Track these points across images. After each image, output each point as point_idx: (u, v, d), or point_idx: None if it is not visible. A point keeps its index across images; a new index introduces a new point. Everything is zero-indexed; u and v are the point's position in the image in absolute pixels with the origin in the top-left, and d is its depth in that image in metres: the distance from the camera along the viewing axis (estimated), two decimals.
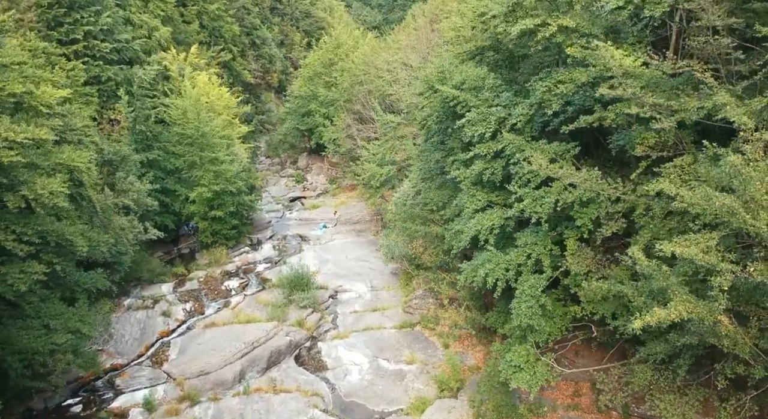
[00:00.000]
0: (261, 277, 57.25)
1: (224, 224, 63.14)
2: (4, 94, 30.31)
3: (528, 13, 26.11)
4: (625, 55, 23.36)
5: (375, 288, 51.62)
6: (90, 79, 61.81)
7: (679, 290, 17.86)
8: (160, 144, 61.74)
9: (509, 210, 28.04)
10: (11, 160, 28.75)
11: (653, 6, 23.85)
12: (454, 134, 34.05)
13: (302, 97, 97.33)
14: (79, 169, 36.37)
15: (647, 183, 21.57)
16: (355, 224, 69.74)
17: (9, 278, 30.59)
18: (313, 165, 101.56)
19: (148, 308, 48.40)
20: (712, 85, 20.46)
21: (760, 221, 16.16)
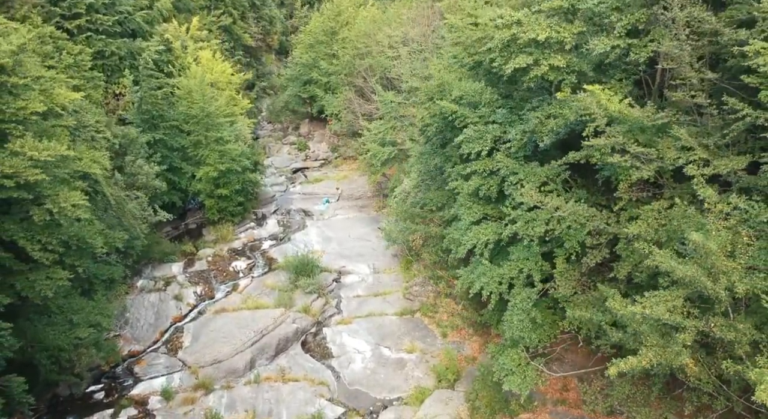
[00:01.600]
0: (267, 256, 59.55)
1: (230, 201, 65.13)
2: (27, 113, 32.02)
3: (522, 50, 27.76)
4: (611, 95, 25.16)
5: (377, 270, 53.87)
6: (94, 55, 63.34)
7: (649, 337, 20.05)
8: (166, 123, 63.17)
9: (504, 228, 30.10)
10: (37, 178, 30.71)
11: (638, 50, 25.60)
12: (452, 144, 35.83)
13: (303, 65, 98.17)
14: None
15: (627, 225, 23.63)
16: (357, 200, 71.65)
17: (36, 285, 32.80)
18: (315, 132, 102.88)
19: (160, 291, 50.81)
20: (689, 144, 22.38)
21: (719, 286, 18.26)
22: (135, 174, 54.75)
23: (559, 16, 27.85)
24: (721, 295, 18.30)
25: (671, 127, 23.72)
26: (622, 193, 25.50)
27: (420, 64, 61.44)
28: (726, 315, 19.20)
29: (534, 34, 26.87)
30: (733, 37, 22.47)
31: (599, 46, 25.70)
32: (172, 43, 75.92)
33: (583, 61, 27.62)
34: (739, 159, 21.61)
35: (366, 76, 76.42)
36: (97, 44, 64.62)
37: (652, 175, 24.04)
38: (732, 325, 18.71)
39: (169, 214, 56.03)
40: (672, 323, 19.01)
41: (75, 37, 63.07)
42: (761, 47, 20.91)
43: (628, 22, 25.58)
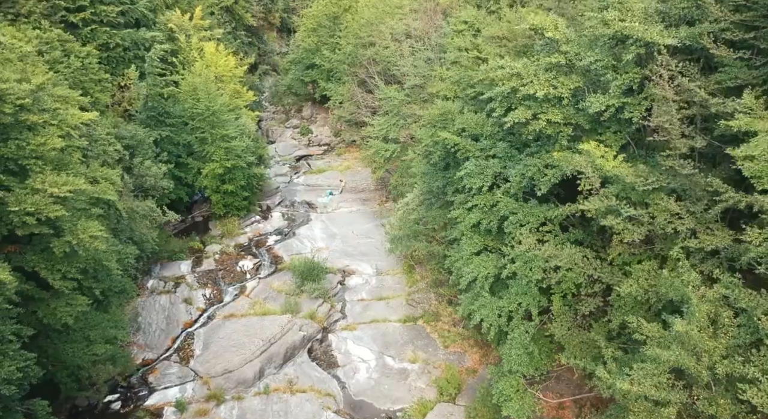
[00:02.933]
0: (272, 253, 61.21)
1: (236, 196, 66.48)
2: (46, 148, 33.30)
3: (521, 102, 28.98)
4: (606, 151, 26.45)
5: (380, 271, 55.48)
6: (98, 47, 64.33)
7: (636, 405, 21.63)
8: (172, 120, 64.18)
9: (503, 268, 31.59)
10: (57, 215, 32.09)
11: (632, 108, 26.83)
12: (454, 170, 37.10)
13: (306, 49, 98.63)
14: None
15: (620, 284, 25.13)
16: (360, 193, 73.00)
17: (57, 312, 34.43)
18: (317, 115, 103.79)
19: (170, 293, 52.50)
20: (677, 211, 23.76)
21: (701, 365, 19.79)
22: (143, 175, 56.06)
23: (558, 70, 28.96)
24: (703, 374, 19.81)
25: (661, 190, 25.05)
26: (615, 247, 26.91)
27: (423, 64, 62.12)
28: (708, 388, 20.72)
29: (533, 89, 28.05)
30: (721, 108, 23.67)
31: (595, 105, 26.91)
32: (176, 34, 76.74)
33: (579, 115, 28.80)
34: (723, 236, 22.98)
35: (369, 68, 77.04)
36: (102, 37, 65.61)
37: (644, 236, 25.43)
38: (713, 399, 20.26)
39: (177, 212, 57.81)
40: (658, 398, 20.54)
41: (80, 30, 63.99)
42: (746, 123, 22.15)
43: (622, 82, 26.73)
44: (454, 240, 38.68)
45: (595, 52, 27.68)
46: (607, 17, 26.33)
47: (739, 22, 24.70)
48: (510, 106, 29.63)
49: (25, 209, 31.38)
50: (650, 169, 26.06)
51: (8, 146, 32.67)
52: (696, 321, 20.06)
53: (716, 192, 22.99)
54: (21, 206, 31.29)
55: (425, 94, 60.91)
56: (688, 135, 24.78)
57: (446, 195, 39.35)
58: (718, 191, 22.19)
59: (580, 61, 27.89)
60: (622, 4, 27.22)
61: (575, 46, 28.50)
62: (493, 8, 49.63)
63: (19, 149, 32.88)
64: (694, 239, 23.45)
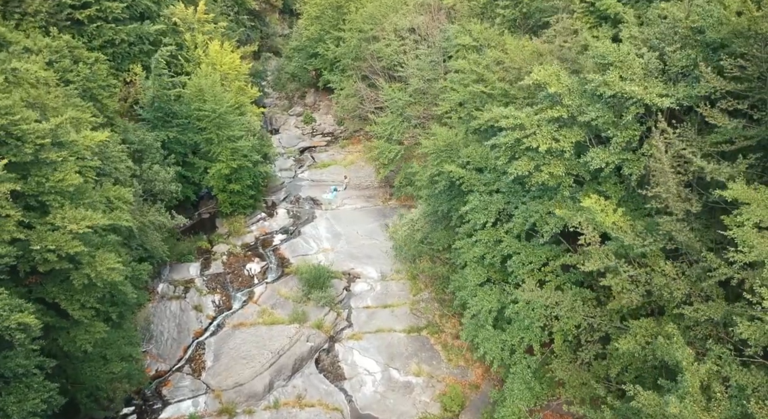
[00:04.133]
0: (279, 254, 62.58)
1: (242, 195, 67.59)
2: (65, 184, 34.45)
3: (524, 153, 30.08)
4: (606, 205, 27.64)
5: (384, 276, 56.79)
6: (104, 43, 65.12)
7: None
8: (179, 120, 65.00)
9: (507, 304, 32.94)
10: (77, 250, 33.39)
11: (631, 164, 27.96)
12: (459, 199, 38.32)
13: (309, 38, 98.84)
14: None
15: (618, 339, 26.50)
16: (365, 190, 74.08)
17: (77, 340, 35.91)
18: (321, 102, 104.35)
19: (180, 299, 53.99)
20: (673, 276, 25.02)
21: None
22: (152, 180, 57.21)
23: (560, 122, 30.02)
24: None
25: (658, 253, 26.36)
26: (615, 301, 28.19)
27: (428, 67, 62.82)
28: None
29: (536, 143, 29.15)
30: (716, 175, 24.84)
31: (595, 162, 28.06)
32: (180, 27, 77.20)
33: (581, 167, 29.90)
34: (717, 307, 24.23)
35: (372, 63, 77.59)
36: (108, 33, 66.23)
37: (642, 298, 26.75)
38: None
39: (184, 210, 59.41)
40: None
41: (85, 27, 64.65)
42: (739, 194, 23.32)
43: (622, 139, 27.82)
44: (458, 265, 39.94)
45: (596, 107, 28.71)
46: (608, 79, 27.31)
47: (734, 90, 25.70)
48: (514, 154, 30.71)
49: (46, 246, 32.65)
50: (648, 224, 27.26)
51: (29, 183, 33.82)
52: (689, 395, 21.38)
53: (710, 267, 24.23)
54: (42, 244, 32.56)
55: (429, 97, 61.95)
56: (684, 198, 25.93)
57: (451, 220, 40.52)
58: (711, 266, 23.42)
59: (582, 116, 28.90)
60: (623, 62, 28.14)
61: (577, 99, 29.49)
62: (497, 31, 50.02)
63: (39, 186, 34.08)
64: (689, 307, 24.73)
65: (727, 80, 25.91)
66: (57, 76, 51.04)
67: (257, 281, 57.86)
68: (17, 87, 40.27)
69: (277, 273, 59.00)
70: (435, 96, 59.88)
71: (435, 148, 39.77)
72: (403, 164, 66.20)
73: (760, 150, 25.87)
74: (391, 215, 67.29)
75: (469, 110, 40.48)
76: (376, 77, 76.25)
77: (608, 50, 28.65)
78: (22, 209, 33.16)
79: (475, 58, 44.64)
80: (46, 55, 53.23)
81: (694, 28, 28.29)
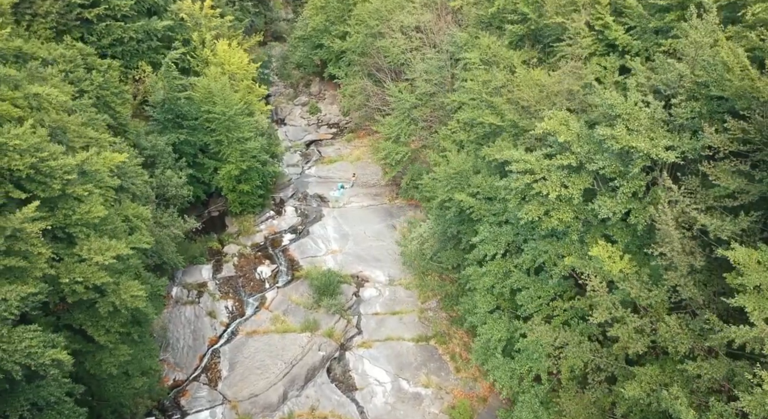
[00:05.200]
0: (288, 255, 64.06)
1: (251, 195, 68.89)
2: (90, 216, 35.78)
3: (534, 197, 31.38)
4: (613, 252, 29.02)
5: (392, 280, 58.32)
6: (113, 42, 66.10)
7: None
8: (189, 122, 65.98)
9: (515, 337, 34.45)
10: (104, 281, 34.85)
11: (638, 213, 29.28)
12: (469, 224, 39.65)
13: (314, 29, 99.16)
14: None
15: (623, 382, 28.02)
16: (371, 188, 75.24)
17: (103, 364, 37.53)
18: (326, 92, 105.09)
19: (194, 304, 55.57)
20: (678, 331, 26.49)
21: None
22: (165, 186, 58.53)
23: (569, 169, 31.26)
24: None
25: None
26: (619, 346, 29.68)
27: (435, 71, 63.65)
28: None
29: (546, 190, 30.42)
30: (719, 232, 26.20)
31: (603, 211, 29.37)
32: (187, 23, 77.86)
33: (589, 212, 31.20)
34: (720, 366, 25.68)
35: (378, 60, 78.24)
36: (116, 31, 67.03)
37: (647, 347, 28.23)
38: None
39: (193, 209, 60.61)
40: None
41: (94, 26, 65.48)
42: (742, 255, 24.70)
43: (629, 189, 29.11)
44: (468, 288, 41.38)
45: (604, 156, 29.94)
46: (616, 133, 28.50)
47: (736, 151, 26.95)
48: (524, 197, 32.00)
49: (74, 278, 34.09)
50: (653, 269, 28.65)
51: (56, 216, 35.13)
52: None
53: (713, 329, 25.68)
54: (71, 277, 34.01)
55: (438, 104, 62.93)
56: (689, 252, 27.29)
57: (460, 242, 41.87)
58: (715, 328, 24.85)
59: (590, 164, 30.15)
60: (630, 114, 29.32)
61: (585, 146, 30.69)
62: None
63: (66, 218, 35.39)
64: (692, 362, 26.20)
65: (730, 140, 27.14)
66: (73, 88, 52.08)
67: (268, 285, 59.33)
68: (39, 111, 41.43)
69: (287, 277, 60.47)
70: (443, 103, 61.01)
71: (446, 175, 40.97)
72: (410, 166, 67.36)
73: (761, 207, 27.15)
74: (398, 215, 68.68)
75: (479, 134, 41.65)
76: (383, 75, 77.07)
77: (616, 102, 29.79)
78: (49, 241, 34.50)
79: (485, 78, 45.67)
80: (61, 66, 54.22)
81: (700, 83, 29.40)
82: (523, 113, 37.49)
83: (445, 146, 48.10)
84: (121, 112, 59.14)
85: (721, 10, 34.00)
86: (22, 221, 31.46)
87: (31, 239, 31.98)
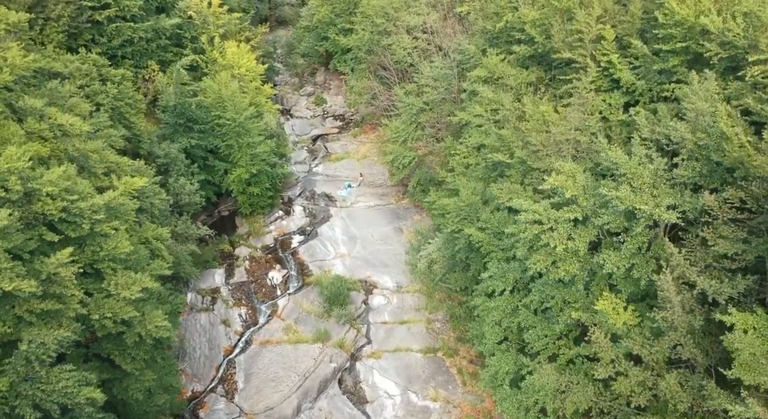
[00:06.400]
0: (298, 259, 65.89)
1: (261, 197, 70.47)
2: (117, 252, 37.56)
3: (542, 248, 33.12)
4: (617, 304, 30.85)
5: (400, 287, 60.16)
6: (123, 43, 67.34)
7: None
8: (200, 126, 67.27)
9: (523, 376, 36.42)
10: (131, 316, 36.75)
11: (641, 267, 31.04)
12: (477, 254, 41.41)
13: (320, 21, 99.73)
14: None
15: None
16: (378, 188, 76.63)
17: (129, 390, 39.60)
18: (331, 82, 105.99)
19: (209, 311, 57.59)
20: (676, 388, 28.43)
21: None
22: (178, 193, 60.18)
23: (576, 221, 32.96)
24: None
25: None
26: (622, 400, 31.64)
27: (442, 78, 64.87)
28: None
29: (553, 243, 32.12)
30: (717, 296, 28.05)
31: (608, 266, 31.12)
32: (195, 20, 78.71)
33: (595, 264, 32.93)
34: None
35: (384, 58, 79.16)
36: (126, 32, 68.09)
37: (648, 401, 30.18)
38: None
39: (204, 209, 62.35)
40: None
41: (105, 27, 66.59)
42: (739, 320, 26.54)
43: (633, 245, 30.84)
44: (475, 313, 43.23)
45: (608, 211, 31.62)
46: (621, 194, 30.13)
47: (734, 218, 28.67)
48: (532, 246, 33.74)
49: (103, 314, 35.99)
50: (655, 324, 30.48)
51: (85, 253, 36.90)
52: None
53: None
54: (100, 313, 35.92)
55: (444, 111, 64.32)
56: (689, 310, 29.12)
57: (469, 269, 43.68)
58: (712, 395, 26.78)
59: (596, 218, 31.84)
60: (634, 173, 30.93)
61: (591, 199, 32.35)
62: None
63: (94, 255, 37.16)
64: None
65: (729, 207, 28.85)
66: (89, 102, 53.56)
67: (280, 292, 61.18)
68: (64, 139, 43.04)
69: (298, 283, 62.25)
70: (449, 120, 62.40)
71: (455, 206, 42.61)
72: (417, 170, 68.88)
73: (758, 271, 28.93)
74: (405, 218, 70.34)
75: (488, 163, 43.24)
76: (389, 75, 78.13)
77: (620, 161, 31.37)
78: (79, 276, 36.23)
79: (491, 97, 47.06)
80: (78, 80, 55.62)
81: (701, 145, 30.96)
82: (531, 153, 38.97)
83: (454, 166, 49.60)
84: (135, 122, 60.54)
85: (722, 62, 35.46)
86: (57, 265, 33.19)
87: (65, 282, 33.71)
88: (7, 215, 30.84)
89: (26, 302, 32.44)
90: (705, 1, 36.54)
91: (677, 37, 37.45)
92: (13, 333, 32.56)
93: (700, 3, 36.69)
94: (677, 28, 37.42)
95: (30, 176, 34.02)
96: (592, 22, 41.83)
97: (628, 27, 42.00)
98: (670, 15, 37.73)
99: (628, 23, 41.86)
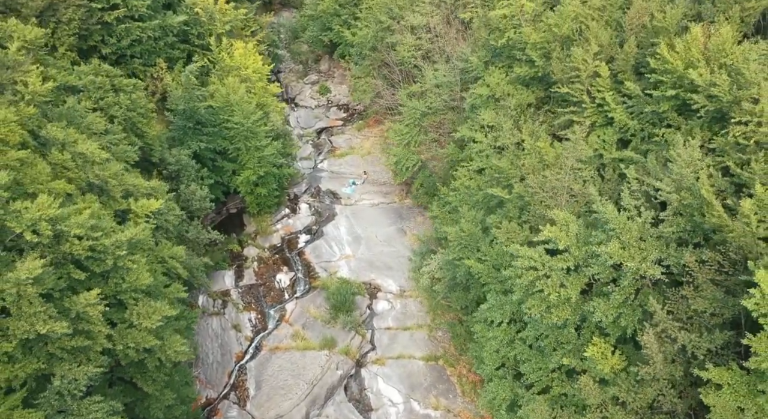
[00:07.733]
0: (304, 259, 68.42)
1: (268, 197, 72.69)
2: (138, 284, 40.08)
3: (537, 293, 35.61)
4: (605, 348, 33.43)
5: (403, 291, 62.71)
6: (131, 43, 69.18)
7: None
8: (209, 129, 69.20)
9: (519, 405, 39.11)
10: (153, 344, 39.41)
11: (627, 317, 33.53)
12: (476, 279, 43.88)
13: (324, 11, 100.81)
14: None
15: None
16: (382, 186, 78.66)
17: (150, 409, 42.39)
18: (335, 70, 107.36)
19: (220, 316, 60.21)
20: None
21: None
22: (189, 200, 62.49)
23: (568, 269, 35.37)
24: None
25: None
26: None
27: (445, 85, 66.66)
28: None
29: (547, 291, 34.56)
30: (696, 348, 30.59)
31: (597, 314, 33.59)
32: (202, 17, 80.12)
33: (586, 311, 35.38)
34: None
35: (387, 55, 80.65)
36: (135, 32, 69.84)
37: None
38: None
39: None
40: None
41: (114, 28, 68.29)
42: (715, 376, 29.10)
43: (620, 296, 33.29)
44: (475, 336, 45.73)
45: (598, 261, 34.02)
46: (610, 250, 32.47)
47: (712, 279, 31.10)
48: (527, 290, 36.19)
49: (126, 344, 38.62)
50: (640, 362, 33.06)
51: (109, 286, 39.42)
52: None
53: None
54: (123, 343, 38.53)
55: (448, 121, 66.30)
56: (670, 360, 31.68)
57: (469, 291, 46.18)
58: None
59: (587, 268, 34.27)
60: (623, 228, 33.26)
61: (583, 249, 34.72)
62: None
63: (117, 287, 39.66)
64: None
65: (707, 268, 31.27)
66: (103, 115, 55.70)
67: (287, 296, 63.78)
68: (85, 165, 45.26)
69: (305, 285, 64.84)
70: (452, 120, 64.43)
71: (456, 236, 44.94)
72: (420, 173, 70.99)
73: (735, 328, 31.41)
74: (408, 218, 72.61)
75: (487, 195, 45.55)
76: (393, 74, 79.79)
77: (611, 217, 33.58)
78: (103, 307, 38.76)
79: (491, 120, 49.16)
80: (92, 93, 57.71)
81: (684, 204, 33.22)
82: (527, 191, 41.20)
83: (457, 186, 51.86)
84: (147, 132, 62.53)
85: (708, 113, 37.53)
86: (85, 305, 35.69)
87: (93, 319, 36.26)
88: (40, 264, 33.09)
89: (58, 340, 34.97)
90: (694, 51, 38.30)
91: (667, 83, 39.37)
92: (47, 368, 35.18)
93: (689, 52, 38.48)
94: (667, 76, 39.33)
95: (59, 217, 36.15)
96: (590, 59, 43.66)
97: (622, 64, 43.83)
98: (662, 61, 39.61)
99: (623, 61, 43.68)
